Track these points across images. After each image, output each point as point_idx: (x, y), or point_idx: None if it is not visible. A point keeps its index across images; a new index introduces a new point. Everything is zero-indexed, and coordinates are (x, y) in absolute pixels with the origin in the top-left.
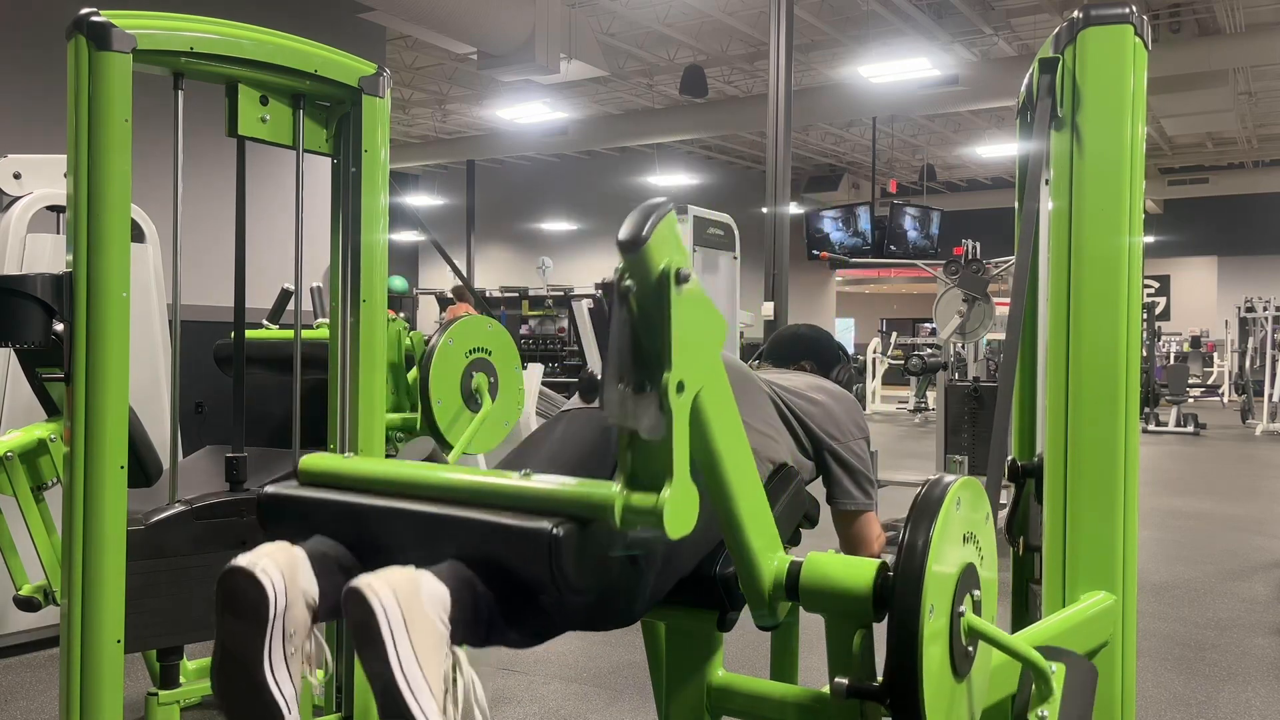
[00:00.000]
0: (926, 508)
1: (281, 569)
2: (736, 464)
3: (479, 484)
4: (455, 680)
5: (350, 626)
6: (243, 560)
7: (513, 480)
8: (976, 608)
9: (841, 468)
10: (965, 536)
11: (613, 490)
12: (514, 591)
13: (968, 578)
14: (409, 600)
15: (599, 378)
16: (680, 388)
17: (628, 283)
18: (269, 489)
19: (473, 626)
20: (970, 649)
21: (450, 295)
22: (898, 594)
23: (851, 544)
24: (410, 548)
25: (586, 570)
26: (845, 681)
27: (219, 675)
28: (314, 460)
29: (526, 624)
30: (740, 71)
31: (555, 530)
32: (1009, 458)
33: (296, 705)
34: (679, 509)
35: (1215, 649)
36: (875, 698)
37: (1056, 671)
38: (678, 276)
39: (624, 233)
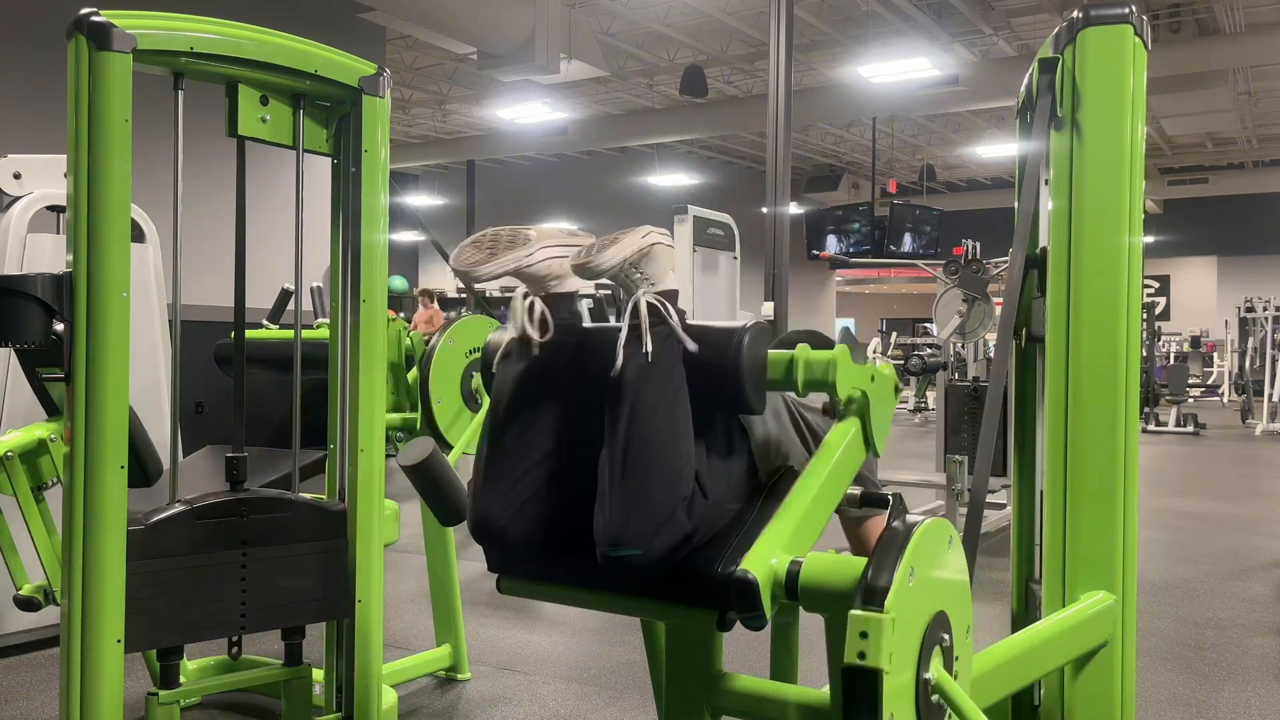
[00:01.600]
0: (884, 565)
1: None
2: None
3: None
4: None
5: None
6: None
7: None
8: (946, 657)
9: None
10: (929, 585)
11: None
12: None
13: (936, 628)
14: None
15: None
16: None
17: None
18: None
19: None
20: (938, 701)
21: (417, 296)
22: (849, 684)
23: (867, 546)
24: None
25: (752, 380)
26: (858, 491)
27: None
28: None
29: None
30: (740, 71)
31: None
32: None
33: (526, 257)
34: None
35: (1215, 649)
36: (882, 503)
37: None
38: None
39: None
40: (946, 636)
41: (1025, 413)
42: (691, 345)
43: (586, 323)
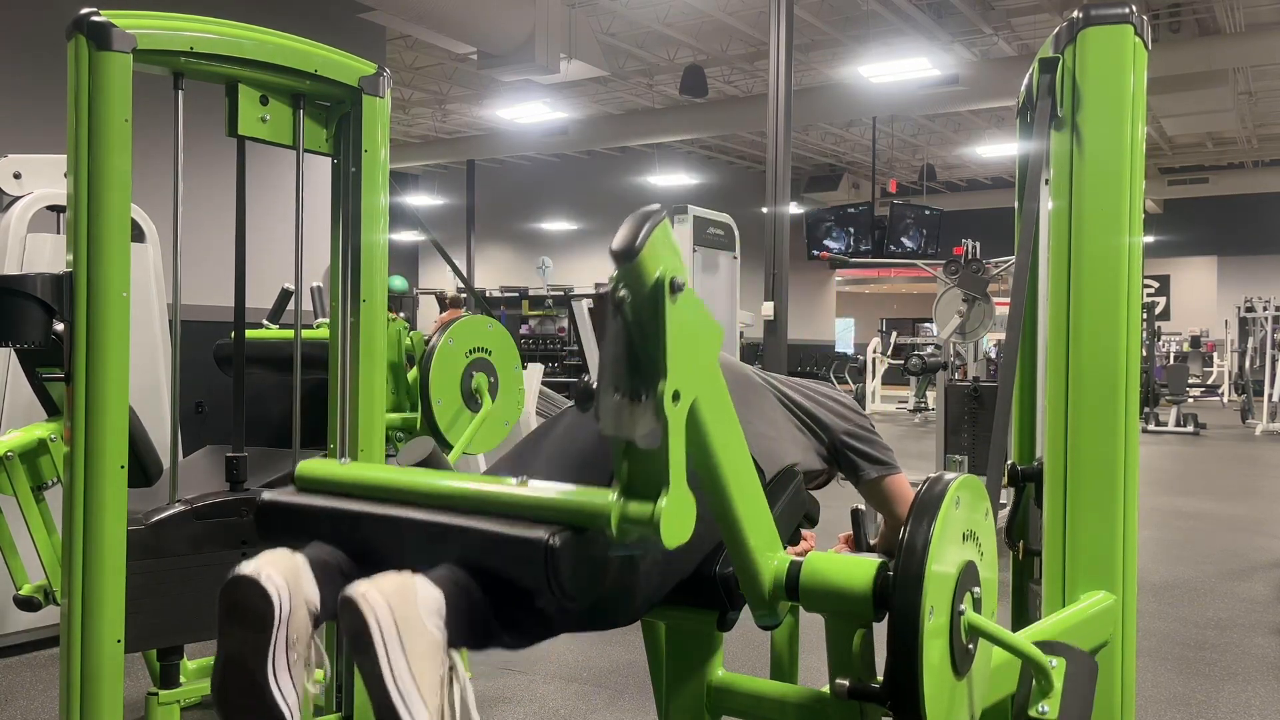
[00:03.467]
0: (926, 506)
1: (285, 576)
2: (735, 470)
3: (475, 491)
4: (451, 684)
5: (345, 635)
6: (247, 569)
7: (509, 488)
8: (977, 605)
9: (859, 443)
10: (965, 534)
11: (609, 499)
12: (511, 597)
13: (968, 575)
14: (402, 607)
15: (594, 386)
16: (676, 397)
17: (622, 292)
18: (266, 496)
19: (468, 630)
20: (971, 646)
21: (447, 300)
22: (898, 593)
23: (893, 504)
24: (408, 555)
25: (583, 577)
26: (845, 683)
27: (221, 683)
28: (311, 466)
29: (523, 628)
30: (740, 71)
31: (551, 540)
32: (1009, 462)
33: (299, 712)
34: (676, 517)
35: (1215, 649)
36: (876, 699)
37: (1057, 666)
38: (672, 285)
39: (617, 242)
40: (977, 589)
41: (1025, 412)
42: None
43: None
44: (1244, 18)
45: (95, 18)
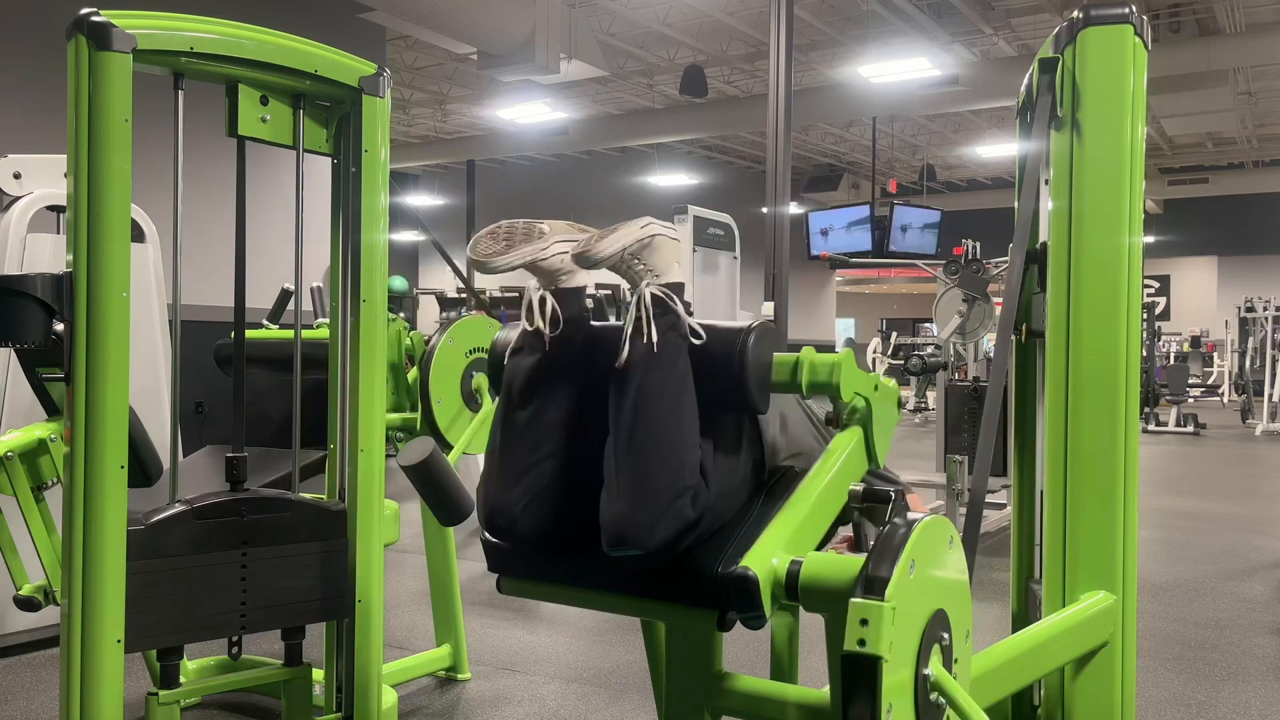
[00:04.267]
0: (885, 556)
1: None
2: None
3: None
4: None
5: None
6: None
7: None
8: (946, 655)
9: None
10: (928, 584)
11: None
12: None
13: (935, 626)
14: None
15: None
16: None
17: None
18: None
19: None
20: (938, 699)
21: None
22: (848, 671)
23: None
24: None
25: (756, 380)
26: (859, 488)
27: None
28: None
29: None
30: (740, 71)
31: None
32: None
33: (540, 249)
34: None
35: (1215, 649)
36: (886, 499)
37: None
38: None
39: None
40: (946, 635)
41: (1025, 411)
42: (698, 334)
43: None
44: (1244, 18)
45: (95, 18)
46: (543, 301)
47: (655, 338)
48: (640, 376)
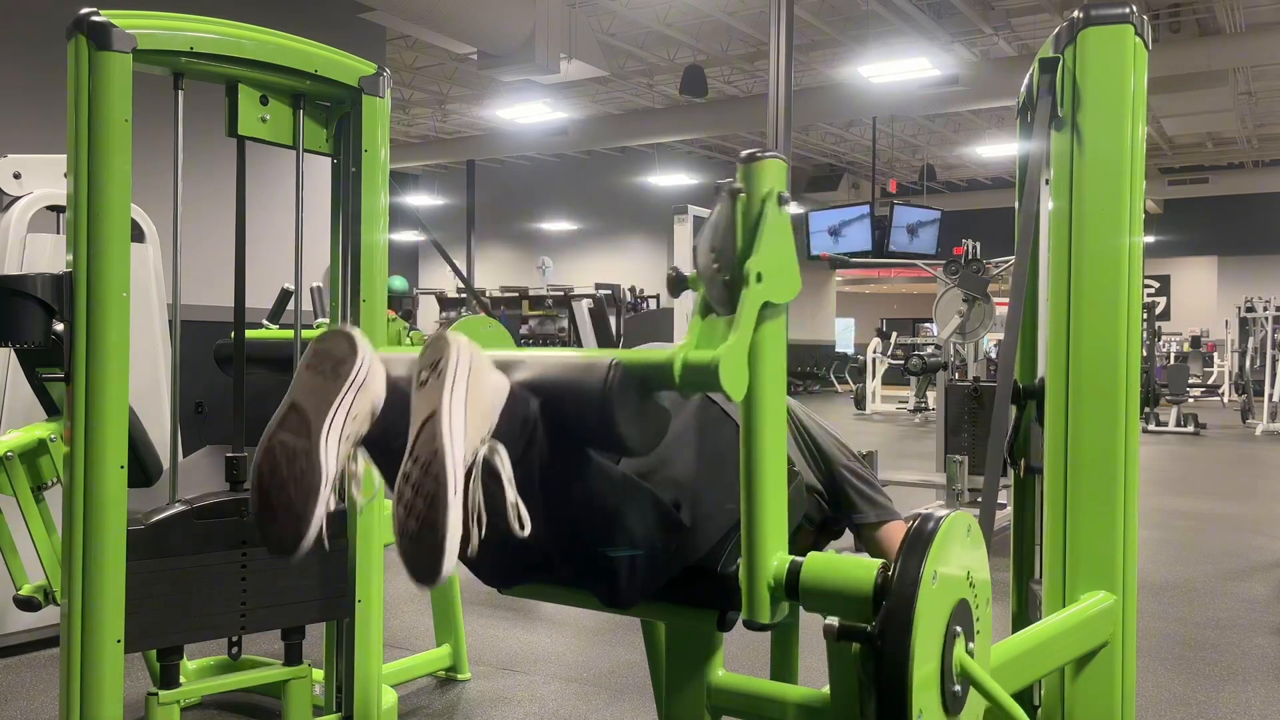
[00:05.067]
0: (916, 546)
1: (373, 353)
2: (775, 391)
3: (560, 355)
4: (480, 461)
5: (424, 361)
6: (346, 327)
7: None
8: (969, 642)
9: (860, 482)
10: (955, 573)
11: (676, 352)
12: (565, 425)
13: (959, 615)
14: (480, 360)
15: (681, 273)
16: (759, 278)
17: (739, 185)
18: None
19: (517, 432)
20: (959, 690)
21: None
22: (885, 641)
23: (893, 553)
24: None
25: (632, 418)
26: (834, 623)
27: (273, 432)
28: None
29: (560, 474)
30: (740, 71)
31: (614, 362)
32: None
33: (332, 483)
34: (734, 366)
35: (1215, 649)
36: (865, 638)
37: None
38: (780, 198)
39: (747, 153)
40: (968, 625)
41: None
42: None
43: (587, 323)
44: (1244, 18)
45: (95, 18)
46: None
47: (518, 504)
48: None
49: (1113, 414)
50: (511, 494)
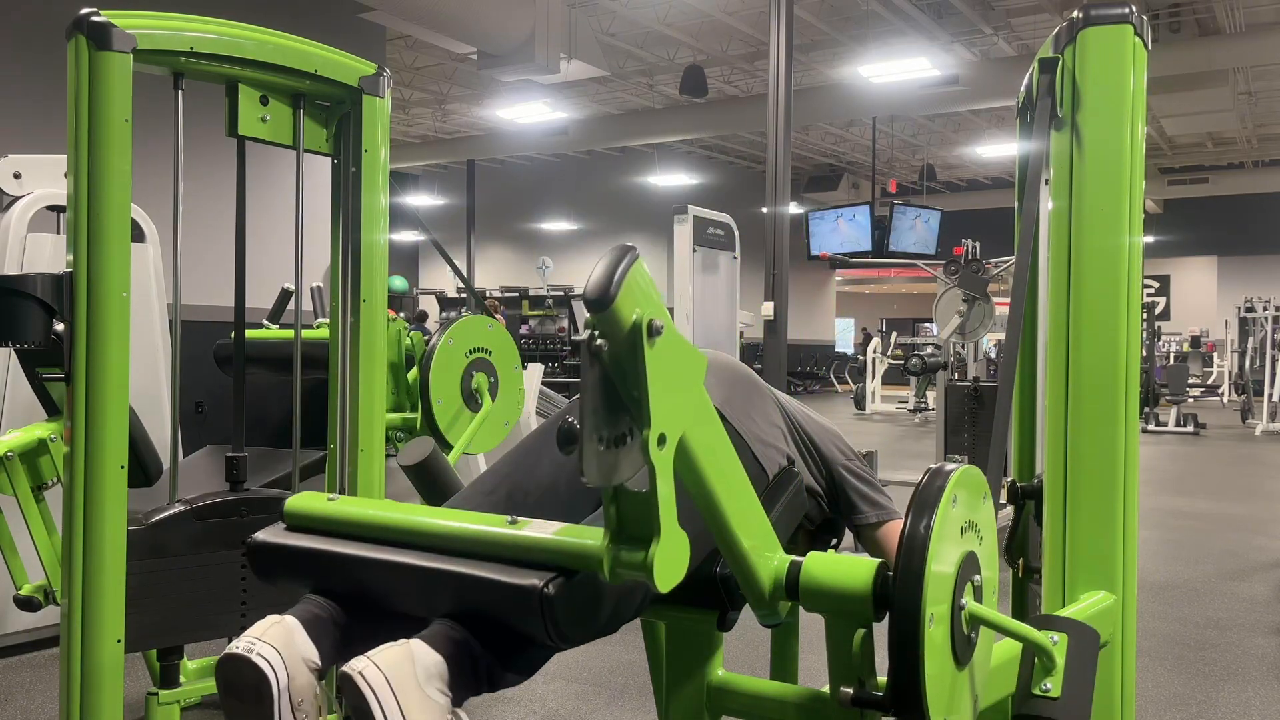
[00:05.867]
0: (926, 500)
1: (277, 646)
2: (729, 486)
3: (468, 532)
4: None
5: (349, 710)
6: (239, 647)
7: (502, 529)
8: (977, 594)
9: (859, 482)
10: (965, 526)
11: (602, 544)
12: (509, 643)
13: (968, 566)
14: (402, 680)
15: (576, 428)
16: (662, 441)
17: (599, 341)
18: (258, 537)
19: (473, 684)
20: (972, 635)
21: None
22: (899, 591)
23: (893, 553)
24: (402, 599)
25: (579, 619)
26: (850, 691)
27: None
28: (298, 503)
29: (523, 665)
30: (740, 71)
31: (546, 588)
32: (1008, 479)
33: None
34: (669, 562)
35: (1215, 649)
36: (879, 706)
37: (1059, 643)
38: (650, 329)
39: (590, 288)
40: (978, 577)
41: (1025, 412)
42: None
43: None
44: (1244, 18)
45: (95, 18)
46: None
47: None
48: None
49: (1112, 414)
50: None
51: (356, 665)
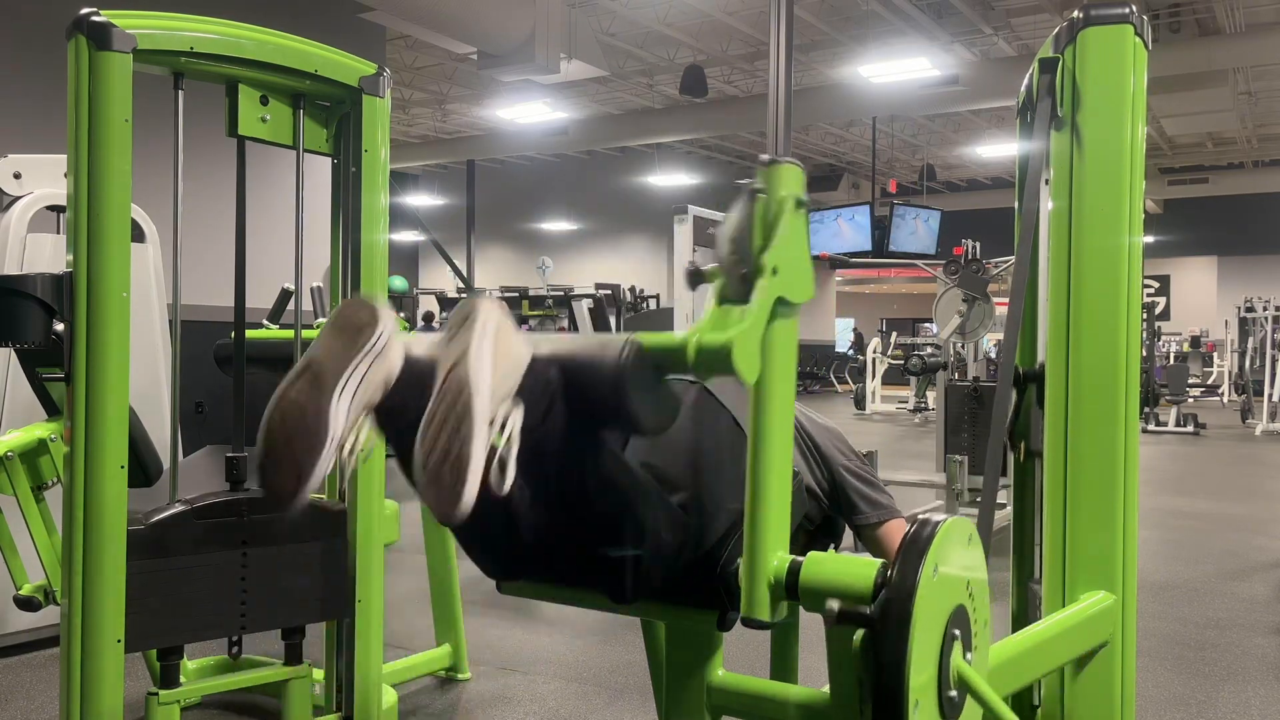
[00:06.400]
0: (912, 553)
1: (395, 326)
2: (785, 387)
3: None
4: (505, 424)
5: (453, 320)
6: (372, 298)
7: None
8: (966, 646)
9: (861, 483)
10: (953, 580)
11: (689, 333)
12: (580, 397)
13: (957, 621)
14: (507, 326)
15: (700, 266)
16: (774, 271)
17: (760, 187)
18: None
19: (539, 394)
20: (956, 696)
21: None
22: (882, 651)
23: (887, 553)
24: None
25: (643, 399)
26: (835, 606)
27: (287, 387)
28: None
29: (572, 456)
30: (740, 71)
31: (631, 338)
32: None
33: (336, 446)
34: (747, 349)
35: (1215, 649)
36: (865, 622)
37: None
38: (797, 201)
39: (767, 157)
40: (966, 629)
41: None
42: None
43: (587, 323)
44: (1244, 18)
45: (95, 18)
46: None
47: (510, 479)
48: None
49: (1112, 414)
50: (512, 452)
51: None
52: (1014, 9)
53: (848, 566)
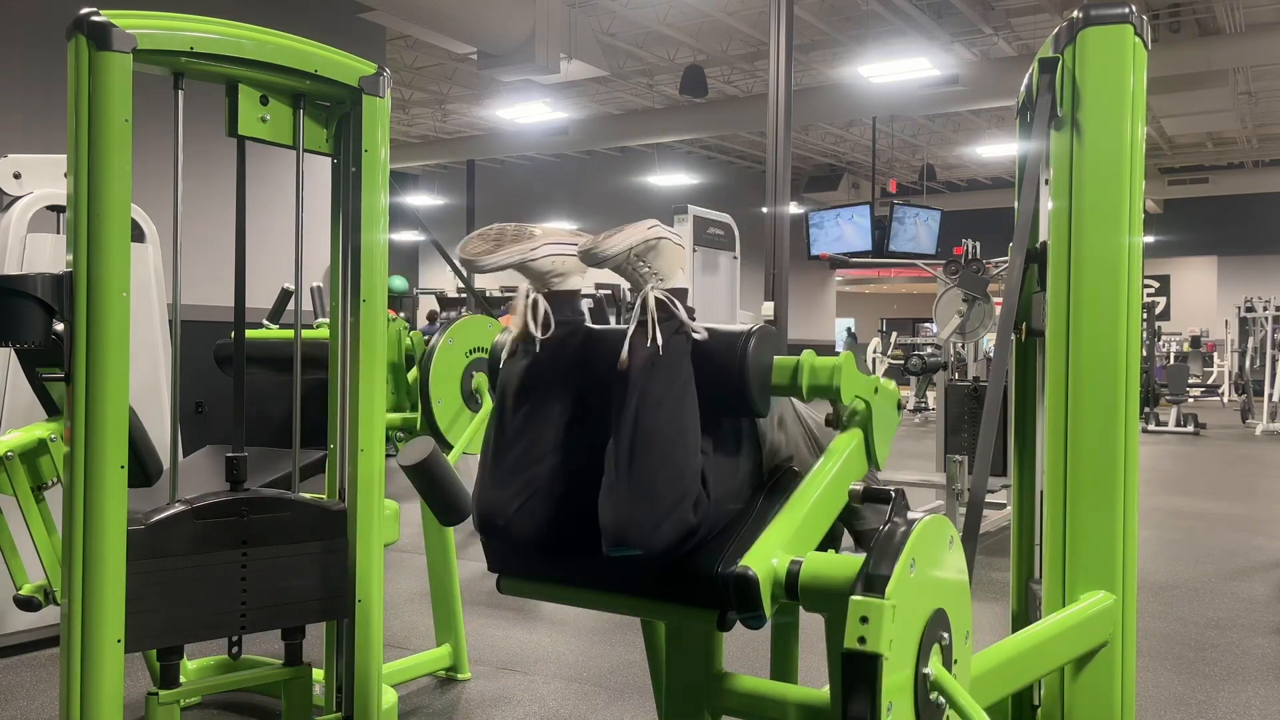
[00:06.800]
0: (885, 555)
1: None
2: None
3: None
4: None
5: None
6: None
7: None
8: (945, 654)
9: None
10: (929, 583)
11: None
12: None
13: (935, 626)
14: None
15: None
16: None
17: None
18: None
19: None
20: (938, 699)
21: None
22: (851, 667)
23: None
24: None
25: (757, 383)
26: (859, 487)
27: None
28: None
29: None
30: (740, 71)
31: (754, 327)
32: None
33: (525, 260)
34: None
35: (1215, 649)
36: (887, 499)
37: None
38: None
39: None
40: (946, 635)
41: (1025, 412)
42: (700, 335)
43: (588, 323)
44: (1244, 18)
45: (95, 18)
46: (534, 305)
47: (660, 341)
48: (644, 381)
49: (1112, 414)
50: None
51: None
52: (1014, 9)
53: (847, 567)
